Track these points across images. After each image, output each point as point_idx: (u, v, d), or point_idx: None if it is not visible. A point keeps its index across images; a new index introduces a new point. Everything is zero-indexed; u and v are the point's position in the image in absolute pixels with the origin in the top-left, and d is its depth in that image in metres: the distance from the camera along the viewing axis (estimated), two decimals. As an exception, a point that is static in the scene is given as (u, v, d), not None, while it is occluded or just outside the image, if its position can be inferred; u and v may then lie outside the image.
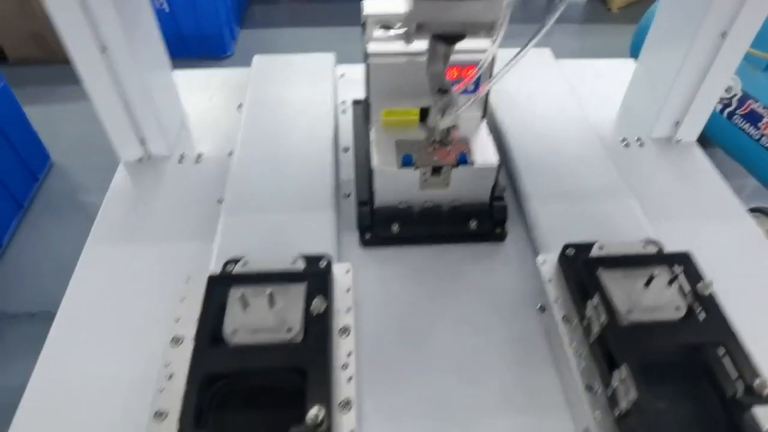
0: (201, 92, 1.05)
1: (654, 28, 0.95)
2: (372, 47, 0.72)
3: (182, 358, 0.55)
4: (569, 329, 0.62)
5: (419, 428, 0.59)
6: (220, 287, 0.60)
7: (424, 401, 0.61)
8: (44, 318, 1.87)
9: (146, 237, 0.78)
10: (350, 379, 0.56)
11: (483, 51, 0.67)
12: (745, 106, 1.95)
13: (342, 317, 0.61)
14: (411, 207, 0.76)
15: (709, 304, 0.58)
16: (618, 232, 0.74)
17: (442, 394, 0.62)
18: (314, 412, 0.48)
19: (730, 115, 1.99)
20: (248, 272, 0.63)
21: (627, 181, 0.84)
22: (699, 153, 0.96)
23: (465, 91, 0.74)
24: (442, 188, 0.74)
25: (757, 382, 0.50)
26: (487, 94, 0.76)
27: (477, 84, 0.74)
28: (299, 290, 0.60)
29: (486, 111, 0.78)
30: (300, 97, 0.98)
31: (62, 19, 0.71)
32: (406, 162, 0.71)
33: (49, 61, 2.96)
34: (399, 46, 0.72)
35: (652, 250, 0.66)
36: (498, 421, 0.60)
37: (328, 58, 1.07)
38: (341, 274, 0.66)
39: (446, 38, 0.57)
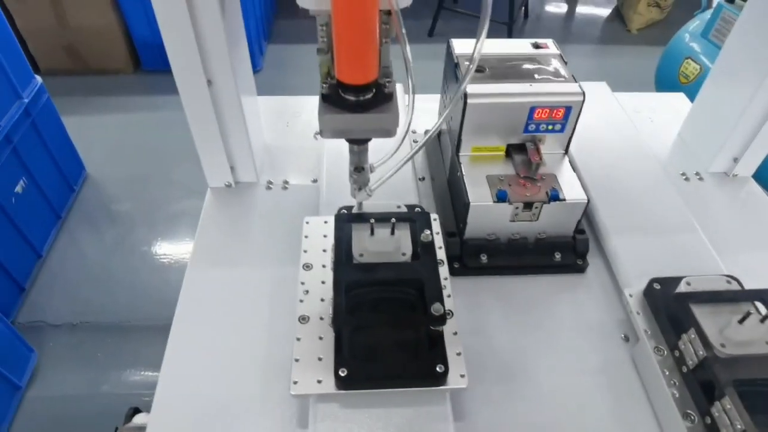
0: (277, 119, 1.09)
1: (718, 66, 0.99)
2: (470, 89, 0.77)
3: (314, 278, 0.72)
4: (661, 360, 0.66)
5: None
6: (344, 222, 0.73)
7: (516, 426, 0.66)
8: (84, 328, 1.91)
9: (245, 260, 0.83)
10: (449, 296, 0.69)
11: (571, 94, 0.73)
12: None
13: (438, 252, 0.73)
14: (499, 239, 0.81)
15: (800, 339, 0.63)
16: (692, 266, 0.79)
17: (529, 417, 0.67)
18: (437, 306, 0.62)
19: None
20: (366, 212, 0.75)
21: (691, 213, 0.89)
22: (756, 187, 1.01)
23: (552, 131, 0.79)
24: (531, 221, 0.79)
25: None
26: (573, 131, 0.81)
27: (564, 125, 0.79)
28: (407, 226, 0.73)
29: (568, 148, 0.83)
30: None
31: (176, 54, 0.76)
32: (501, 197, 0.76)
33: (80, 72, 3.02)
34: (492, 88, 0.78)
35: (734, 285, 0.70)
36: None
37: (398, 88, 1.12)
38: (433, 219, 0.76)
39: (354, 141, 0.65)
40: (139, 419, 1.17)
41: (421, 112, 1.08)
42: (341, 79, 0.56)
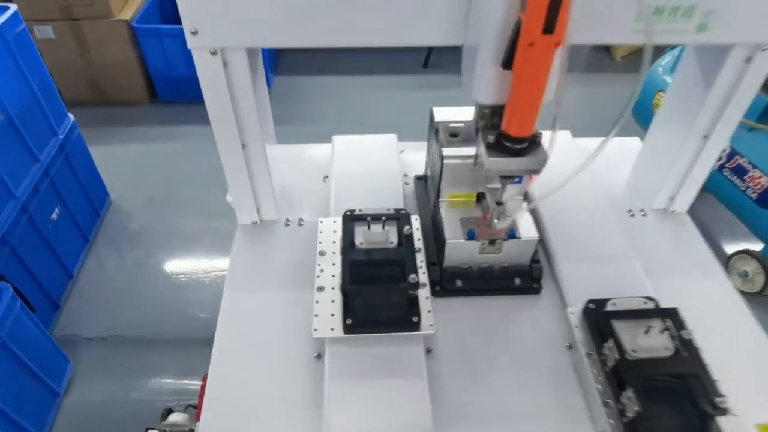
0: (293, 164, 1.31)
1: (658, 116, 1.18)
2: (446, 152, 0.98)
3: (327, 261, 0.99)
4: (591, 363, 0.87)
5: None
6: (349, 221, 1.01)
7: (482, 404, 0.88)
8: (114, 341, 2.13)
9: (270, 285, 1.04)
10: (424, 272, 0.96)
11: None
12: (732, 160, 2.23)
13: (416, 242, 0.99)
14: (471, 267, 1.02)
15: (690, 346, 0.83)
16: (625, 289, 0.99)
17: (494, 403, 0.88)
18: (414, 276, 0.88)
19: (720, 167, 2.26)
20: (363, 213, 1.02)
21: (634, 244, 1.10)
22: (688, 221, 1.21)
23: (512, 182, 1.01)
24: (495, 254, 1.00)
25: (717, 399, 0.76)
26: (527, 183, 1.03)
27: (521, 178, 1.00)
28: (394, 223, 1.01)
29: (527, 196, 1.05)
30: (372, 171, 1.24)
31: (220, 128, 0.97)
32: (471, 236, 0.98)
33: (101, 103, 3.26)
34: (464, 151, 0.99)
35: (650, 305, 0.91)
36: (536, 428, 0.85)
37: (392, 138, 1.34)
38: (413, 219, 1.03)
39: (506, 177, 0.87)
40: (173, 418, 1.37)
41: (412, 161, 1.30)
42: (511, 133, 0.78)
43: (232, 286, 1.05)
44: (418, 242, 1.01)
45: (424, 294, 0.93)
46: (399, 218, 1.01)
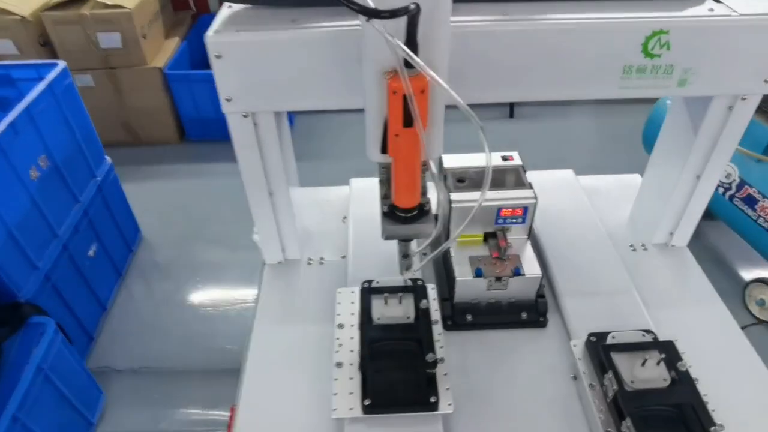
0: (314, 205, 1.42)
1: (654, 153, 1.26)
2: (454, 197, 1.08)
3: (345, 334, 1.01)
4: (593, 393, 0.93)
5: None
6: (367, 294, 1.05)
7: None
8: (145, 373, 2.24)
9: (296, 320, 1.14)
10: (442, 347, 0.97)
11: (526, 198, 1.03)
12: (742, 190, 2.27)
13: (433, 313, 1.02)
14: (480, 302, 1.10)
15: (686, 377, 0.89)
16: (626, 321, 1.06)
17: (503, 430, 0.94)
18: (431, 356, 0.91)
19: (731, 197, 2.30)
20: (380, 286, 1.07)
21: (634, 278, 1.17)
22: (688, 255, 1.28)
23: (516, 223, 1.09)
24: (502, 290, 1.08)
25: (712, 429, 0.81)
26: (531, 222, 1.11)
27: (524, 218, 1.09)
28: (411, 296, 1.04)
29: (530, 233, 1.13)
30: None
31: (249, 178, 1.08)
32: (479, 273, 1.06)
33: (135, 144, 3.45)
34: (471, 195, 1.08)
35: (648, 338, 0.98)
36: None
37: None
38: (430, 288, 1.07)
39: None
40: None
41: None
42: (398, 205, 0.86)
43: (262, 321, 1.14)
44: (436, 313, 1.04)
45: (442, 370, 0.95)
46: (416, 290, 1.05)
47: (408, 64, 0.67)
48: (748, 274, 2.49)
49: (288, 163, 1.15)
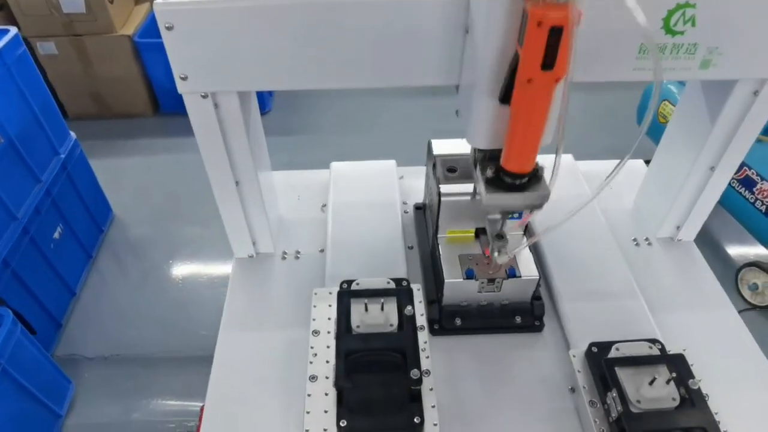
0: (290, 191, 1.29)
1: (663, 142, 1.15)
2: (443, 188, 0.96)
3: (320, 343, 0.91)
4: (594, 411, 0.84)
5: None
6: (345, 298, 0.93)
7: None
8: (117, 360, 2.12)
9: (267, 322, 1.02)
10: (428, 357, 0.87)
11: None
12: (740, 172, 2.19)
13: (418, 318, 0.91)
14: (470, 305, 1.00)
15: (697, 396, 0.81)
16: (630, 327, 0.97)
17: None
18: (416, 372, 0.82)
19: (729, 180, 2.22)
20: (360, 289, 0.95)
21: (638, 277, 1.08)
22: (695, 251, 1.18)
23: (511, 217, 0.98)
24: (495, 292, 0.97)
25: (729, 459, 0.73)
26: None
27: (521, 213, 0.98)
28: (394, 300, 0.93)
29: (527, 230, 1.02)
30: (371, 200, 1.22)
31: (213, 167, 0.96)
32: (469, 275, 0.95)
33: (105, 116, 3.26)
34: (462, 187, 0.97)
35: (655, 350, 0.88)
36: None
37: (391, 165, 1.32)
38: (416, 290, 0.96)
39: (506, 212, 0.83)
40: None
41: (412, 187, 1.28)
42: (508, 169, 0.74)
43: (227, 325, 1.03)
44: (422, 318, 0.93)
45: (428, 385, 0.84)
46: (399, 293, 0.94)
47: None
48: (742, 257, 2.43)
49: (258, 147, 1.02)
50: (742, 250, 2.52)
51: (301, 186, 1.32)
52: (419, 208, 1.22)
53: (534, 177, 0.77)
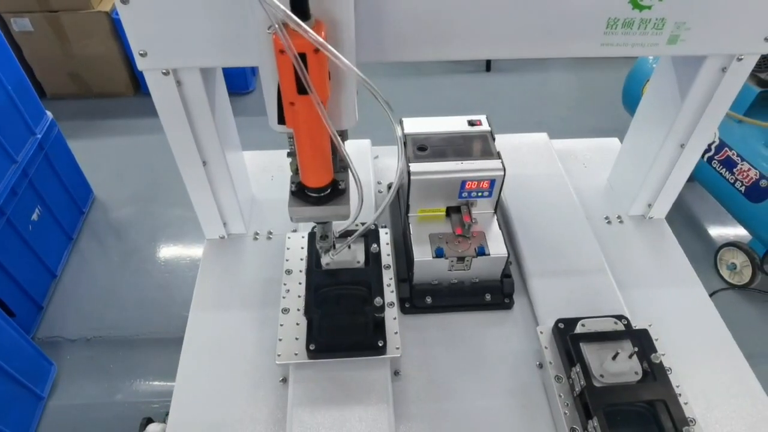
0: (263, 172, 1.28)
1: (635, 120, 1.15)
2: (413, 167, 0.95)
3: (293, 280, 0.96)
4: (559, 386, 0.86)
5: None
6: (314, 239, 0.94)
7: (451, 428, 0.86)
8: (98, 342, 2.11)
9: (237, 305, 1.02)
10: (392, 291, 0.94)
11: (493, 170, 0.92)
12: (722, 152, 2.19)
13: (384, 258, 0.96)
14: (440, 283, 1.00)
15: (659, 370, 0.82)
16: (598, 305, 0.98)
17: (463, 426, 0.86)
18: (379, 300, 0.86)
19: (709, 159, 2.23)
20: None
21: (608, 255, 1.08)
22: (666, 229, 1.19)
23: (481, 196, 0.98)
24: (464, 270, 0.98)
25: (684, 428, 0.74)
26: (498, 195, 1.00)
27: (491, 192, 0.98)
28: (362, 240, 0.97)
29: (497, 208, 1.02)
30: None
31: (178, 145, 0.94)
32: (439, 254, 0.95)
33: (84, 96, 3.20)
34: (433, 166, 0.96)
35: (620, 326, 0.89)
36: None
37: (366, 144, 1.30)
38: (383, 234, 1.00)
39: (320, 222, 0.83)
40: (152, 428, 1.36)
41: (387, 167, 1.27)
42: (305, 183, 0.74)
43: (198, 307, 1.03)
44: (387, 258, 0.98)
45: (391, 314, 0.91)
46: (367, 234, 0.98)
47: (301, 14, 0.54)
48: (721, 237, 2.46)
49: (226, 126, 1.01)
50: (721, 231, 2.54)
51: (274, 166, 1.31)
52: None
53: (335, 190, 0.77)
